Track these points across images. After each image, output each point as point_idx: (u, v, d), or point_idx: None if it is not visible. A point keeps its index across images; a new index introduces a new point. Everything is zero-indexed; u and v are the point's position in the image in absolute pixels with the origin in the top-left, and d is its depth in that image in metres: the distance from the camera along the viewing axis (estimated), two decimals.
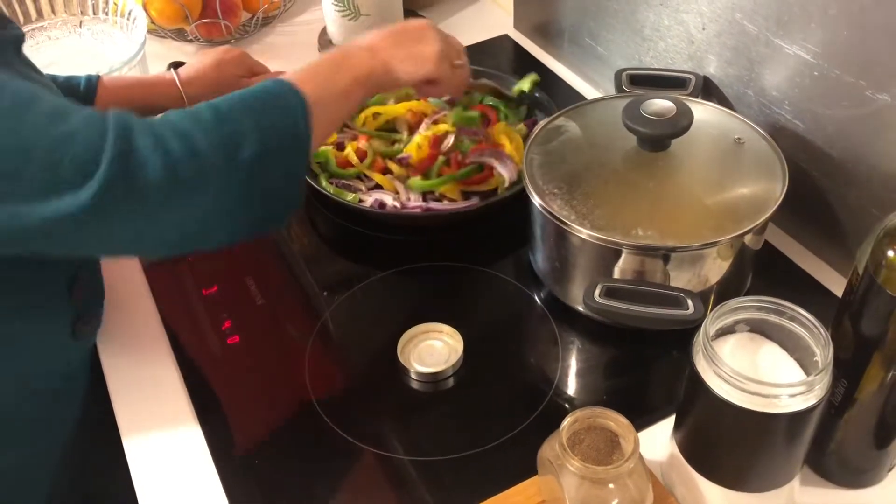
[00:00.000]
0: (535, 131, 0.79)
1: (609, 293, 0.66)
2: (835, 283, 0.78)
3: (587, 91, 1.06)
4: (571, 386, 0.72)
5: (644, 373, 0.73)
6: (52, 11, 1.10)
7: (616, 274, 0.70)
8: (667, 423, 0.64)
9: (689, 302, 0.64)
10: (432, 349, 0.74)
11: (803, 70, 0.74)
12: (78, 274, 0.69)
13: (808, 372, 0.54)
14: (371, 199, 0.86)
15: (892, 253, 0.50)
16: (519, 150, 0.89)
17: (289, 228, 0.90)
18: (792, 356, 0.55)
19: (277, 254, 0.87)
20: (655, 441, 0.64)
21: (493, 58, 1.15)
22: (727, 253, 0.69)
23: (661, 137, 0.72)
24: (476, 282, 0.82)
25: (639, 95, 0.74)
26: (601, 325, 0.73)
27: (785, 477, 0.56)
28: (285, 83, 0.64)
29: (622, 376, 0.73)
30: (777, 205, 0.69)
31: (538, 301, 0.79)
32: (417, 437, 0.68)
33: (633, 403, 0.69)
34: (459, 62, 0.82)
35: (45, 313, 0.68)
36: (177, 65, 0.92)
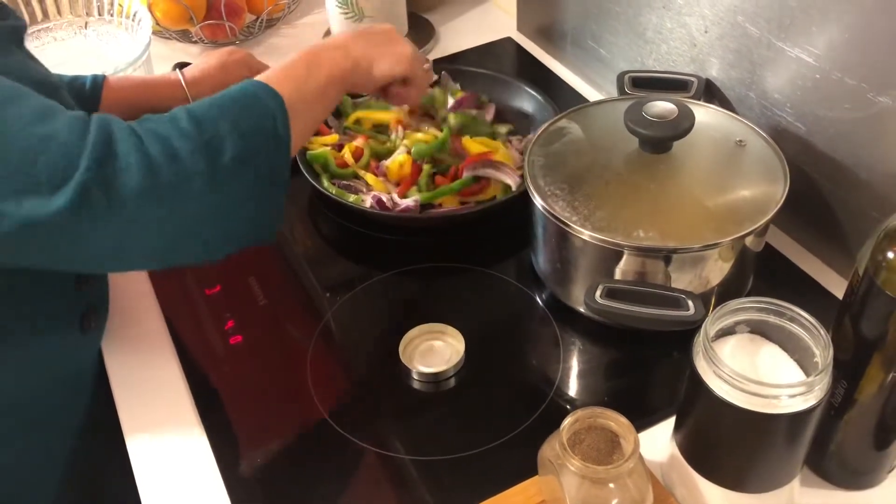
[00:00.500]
0: (537, 133, 0.79)
1: (610, 294, 0.67)
2: (836, 285, 0.78)
3: (590, 94, 1.06)
4: (572, 387, 0.72)
5: (645, 374, 0.73)
6: (57, 13, 1.11)
7: (617, 275, 0.70)
8: (667, 423, 0.64)
9: (690, 303, 0.64)
10: (434, 349, 0.74)
11: (805, 73, 0.74)
12: None
13: (808, 373, 0.54)
14: (370, 198, 0.87)
15: (891, 254, 0.51)
16: (506, 156, 0.89)
17: (291, 229, 0.90)
18: (792, 357, 0.55)
19: (280, 254, 0.87)
20: (656, 442, 0.64)
21: (496, 60, 1.15)
22: (728, 255, 0.70)
23: (663, 139, 0.72)
24: (478, 283, 0.82)
25: (641, 98, 0.74)
26: (602, 326, 0.73)
27: (785, 478, 0.56)
28: (261, 85, 0.63)
29: (623, 377, 0.74)
30: (778, 207, 0.69)
31: (539, 302, 0.79)
32: (419, 437, 0.68)
33: (634, 404, 0.69)
34: (427, 65, 0.83)
35: (53, 307, 0.68)
36: (182, 66, 0.92)
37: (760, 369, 0.55)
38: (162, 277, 0.84)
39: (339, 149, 0.93)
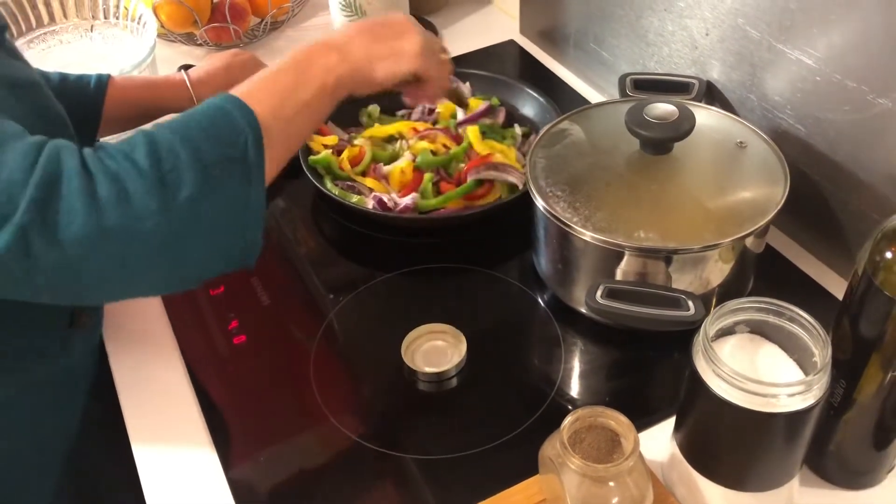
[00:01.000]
0: (539, 135, 0.80)
1: (611, 294, 0.67)
2: (836, 286, 0.78)
3: (592, 96, 1.07)
4: (573, 387, 0.72)
5: (645, 374, 0.74)
6: (63, 16, 1.11)
7: (618, 276, 0.70)
8: (667, 423, 0.64)
9: (690, 303, 0.65)
10: (436, 350, 0.75)
11: (805, 75, 0.74)
12: None
13: (807, 373, 0.55)
14: (371, 199, 0.87)
15: (889, 254, 0.51)
16: (512, 157, 0.90)
17: (294, 230, 0.91)
18: (791, 357, 0.56)
19: (283, 255, 0.88)
20: (656, 441, 0.64)
21: (498, 63, 1.15)
22: (729, 255, 0.70)
23: (664, 141, 0.73)
24: (480, 284, 0.83)
25: (642, 100, 0.75)
26: (603, 326, 0.74)
27: (784, 477, 0.56)
28: (237, 103, 0.58)
29: (624, 378, 0.74)
30: (778, 208, 0.69)
31: (541, 303, 0.80)
32: (421, 437, 0.69)
33: (635, 404, 0.69)
34: (444, 55, 0.77)
35: (39, 305, 0.63)
36: (186, 68, 0.93)
37: (760, 369, 0.56)
38: None
39: (340, 152, 0.94)
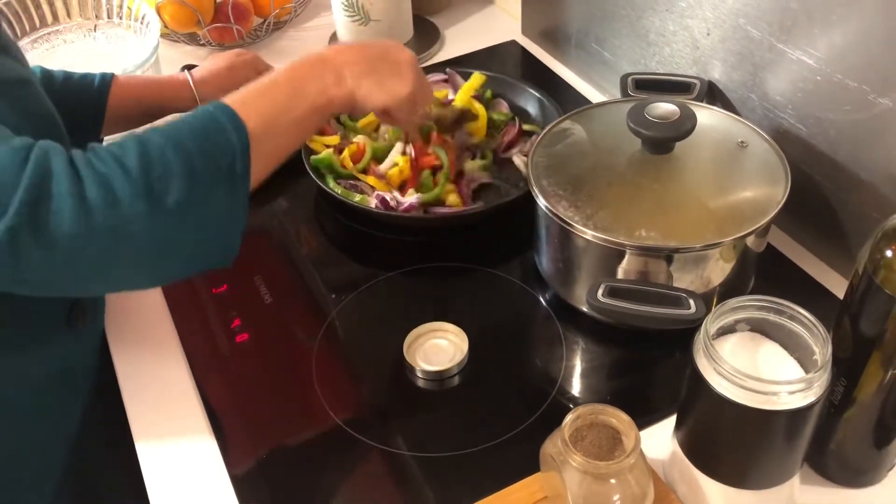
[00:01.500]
0: (540, 134, 0.80)
1: (612, 293, 0.67)
2: (837, 285, 0.78)
3: (594, 96, 1.07)
4: (575, 385, 0.73)
5: (647, 373, 0.74)
6: (67, 15, 1.12)
7: (620, 275, 0.70)
8: (668, 422, 0.64)
9: (691, 302, 0.65)
10: (438, 348, 0.75)
11: (806, 75, 0.74)
12: None
13: (807, 371, 0.55)
14: (374, 197, 0.87)
15: (890, 253, 0.51)
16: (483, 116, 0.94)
17: (297, 229, 0.91)
18: (792, 355, 0.56)
19: (286, 253, 0.88)
20: (657, 440, 0.65)
21: (500, 63, 1.16)
22: (730, 255, 0.70)
23: (665, 140, 0.73)
24: (482, 283, 0.83)
25: (644, 99, 0.75)
26: (605, 325, 0.74)
27: (785, 474, 0.56)
28: (229, 113, 0.59)
29: (625, 377, 0.74)
30: (779, 207, 0.69)
31: (543, 302, 0.80)
32: (423, 435, 0.69)
33: (636, 403, 0.69)
34: (424, 111, 0.79)
35: (36, 303, 0.66)
36: (189, 68, 0.94)
37: (761, 367, 0.56)
38: None
39: (341, 151, 0.94)
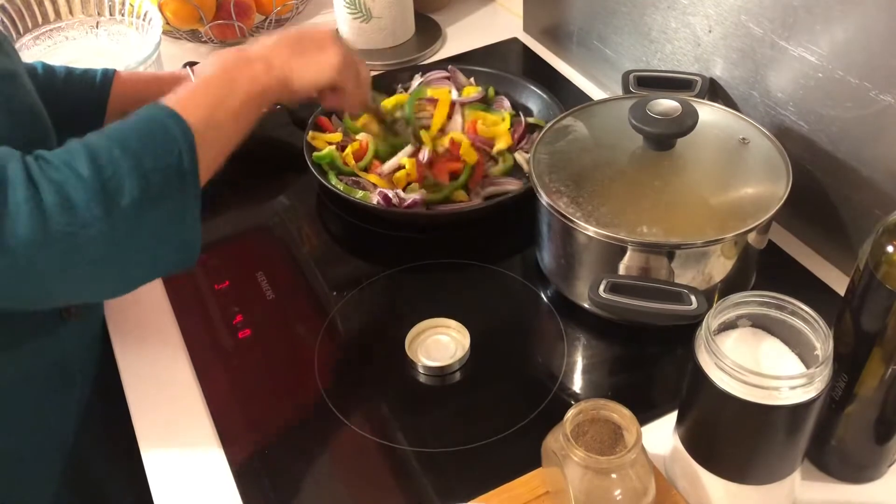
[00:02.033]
0: (542, 131, 0.80)
1: (613, 289, 0.67)
2: (838, 282, 0.78)
3: (595, 93, 1.07)
4: (576, 381, 0.73)
5: (648, 370, 0.74)
6: (69, 12, 1.12)
7: (621, 271, 0.71)
8: (670, 418, 0.64)
9: (692, 297, 0.65)
10: (439, 344, 0.75)
11: (808, 72, 0.74)
12: None
13: (808, 367, 0.55)
14: (376, 194, 0.87)
15: (891, 248, 0.51)
16: (507, 138, 0.94)
17: (299, 226, 0.91)
18: (793, 351, 0.56)
19: (288, 250, 0.88)
20: (659, 436, 0.65)
21: (502, 61, 1.16)
22: (731, 251, 0.70)
23: (667, 137, 0.73)
24: (483, 279, 0.83)
25: (645, 96, 0.75)
26: (606, 322, 0.74)
27: (786, 470, 0.57)
28: (169, 112, 0.60)
29: (626, 373, 0.74)
30: (781, 204, 0.69)
31: (544, 298, 0.80)
32: (425, 430, 0.69)
33: (637, 399, 0.69)
34: (363, 70, 0.79)
35: None
36: (191, 65, 0.93)
37: (762, 362, 0.56)
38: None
39: (343, 148, 0.94)
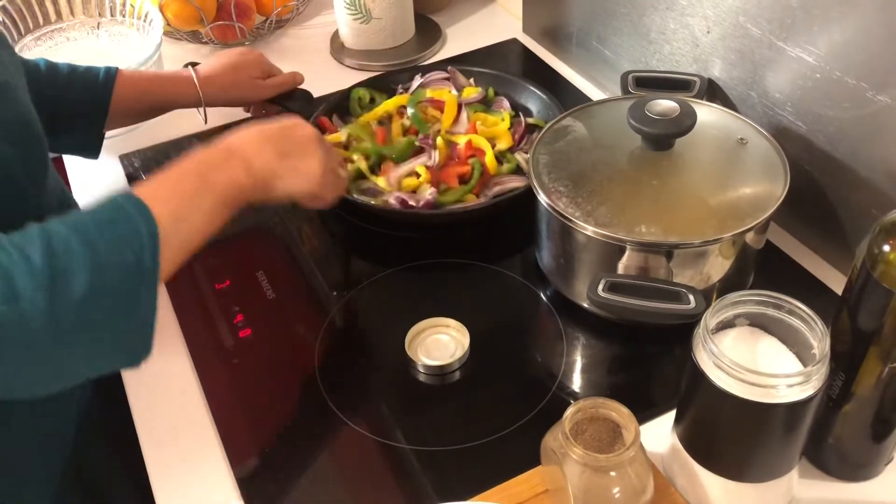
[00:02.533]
0: (542, 131, 0.81)
1: (612, 288, 0.68)
2: (835, 281, 0.79)
3: (594, 93, 1.08)
4: (575, 380, 0.73)
5: (647, 369, 0.74)
6: (70, 13, 1.12)
7: (620, 270, 0.71)
8: (668, 417, 0.65)
9: (691, 296, 0.65)
10: (439, 343, 0.75)
11: (805, 72, 0.75)
12: None
13: (806, 365, 0.55)
14: (392, 198, 0.87)
15: (887, 248, 0.52)
16: (507, 138, 0.94)
17: (299, 225, 0.92)
18: (791, 349, 0.56)
19: (288, 249, 0.89)
20: (657, 434, 0.65)
21: (502, 61, 1.16)
22: (729, 251, 0.71)
23: (666, 137, 0.73)
24: (483, 278, 0.83)
25: (644, 97, 0.75)
26: (605, 321, 0.75)
27: (783, 468, 0.57)
28: (137, 204, 0.56)
29: (625, 372, 0.75)
30: (778, 204, 0.70)
31: (543, 298, 0.80)
32: (424, 429, 0.69)
33: (636, 398, 0.69)
34: (341, 172, 0.78)
35: None
36: (193, 65, 0.94)
37: (760, 361, 0.56)
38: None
39: (346, 148, 0.95)
